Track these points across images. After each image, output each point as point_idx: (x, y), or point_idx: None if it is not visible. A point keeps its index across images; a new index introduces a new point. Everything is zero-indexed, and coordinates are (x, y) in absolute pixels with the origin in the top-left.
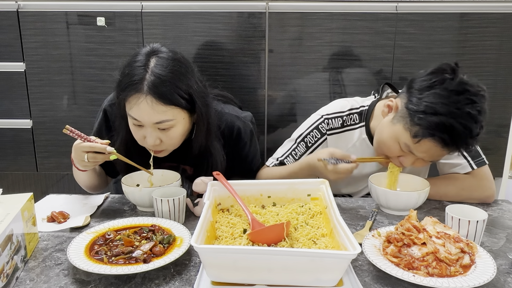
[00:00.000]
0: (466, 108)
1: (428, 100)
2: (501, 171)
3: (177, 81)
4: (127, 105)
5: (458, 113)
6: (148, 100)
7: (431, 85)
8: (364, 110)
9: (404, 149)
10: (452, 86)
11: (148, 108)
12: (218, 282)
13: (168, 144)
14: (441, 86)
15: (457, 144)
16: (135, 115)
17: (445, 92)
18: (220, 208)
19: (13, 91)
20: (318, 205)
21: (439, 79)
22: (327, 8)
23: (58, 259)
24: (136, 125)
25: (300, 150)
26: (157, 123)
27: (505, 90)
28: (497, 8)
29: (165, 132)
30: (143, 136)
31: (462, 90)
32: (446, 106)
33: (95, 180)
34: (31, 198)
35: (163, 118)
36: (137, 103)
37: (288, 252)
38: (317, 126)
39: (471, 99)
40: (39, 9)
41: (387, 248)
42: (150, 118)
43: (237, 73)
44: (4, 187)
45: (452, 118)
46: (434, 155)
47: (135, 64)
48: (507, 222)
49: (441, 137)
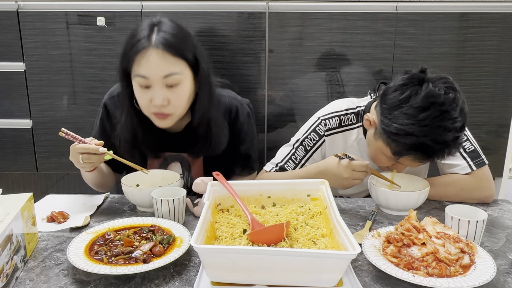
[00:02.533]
0: (435, 122)
1: (397, 121)
2: (501, 171)
3: (184, 36)
4: (134, 66)
5: (428, 131)
6: (158, 52)
7: (398, 104)
8: (360, 111)
9: (392, 161)
10: (417, 102)
11: (157, 60)
12: (218, 282)
13: (175, 106)
14: (407, 105)
15: (434, 156)
16: (143, 71)
17: (412, 111)
18: (220, 208)
19: (13, 91)
20: (318, 205)
21: (405, 96)
22: (327, 8)
23: (58, 259)
24: (143, 87)
25: (299, 154)
26: (166, 76)
27: (505, 90)
28: (497, 8)
29: (172, 90)
30: (149, 99)
31: (428, 104)
32: (414, 126)
33: (102, 179)
34: (31, 198)
35: (171, 70)
36: (145, 57)
37: (288, 253)
38: (314, 128)
39: (439, 111)
40: (39, 9)
41: (387, 249)
42: (159, 71)
43: (237, 73)
44: (4, 187)
45: (424, 137)
46: (419, 165)
47: (139, 32)
48: (507, 222)
49: (416, 154)
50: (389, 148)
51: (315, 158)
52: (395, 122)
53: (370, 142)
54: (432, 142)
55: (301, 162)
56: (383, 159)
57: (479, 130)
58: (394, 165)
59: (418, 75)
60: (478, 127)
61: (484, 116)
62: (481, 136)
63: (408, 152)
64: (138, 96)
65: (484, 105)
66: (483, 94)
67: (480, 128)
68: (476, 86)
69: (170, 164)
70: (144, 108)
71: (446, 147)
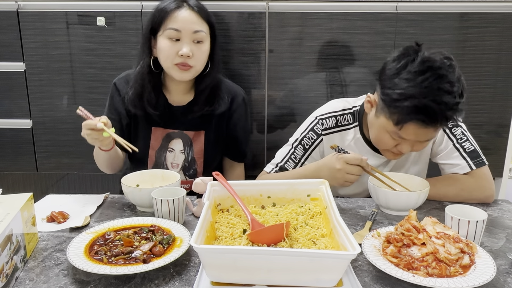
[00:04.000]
0: (434, 84)
1: (398, 87)
2: (501, 171)
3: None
4: (168, 21)
5: (427, 92)
6: (191, 11)
7: (397, 72)
8: (356, 110)
9: (395, 137)
10: (414, 67)
11: (191, 17)
12: (218, 283)
13: (197, 59)
14: (405, 71)
15: (437, 120)
16: (177, 25)
17: (410, 75)
18: (220, 208)
19: (13, 91)
20: (317, 205)
21: (402, 64)
22: (327, 8)
23: (57, 259)
24: (173, 40)
25: (298, 153)
26: (195, 32)
27: (505, 90)
28: (497, 8)
29: (197, 45)
30: (177, 50)
31: (426, 68)
32: (414, 88)
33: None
34: (30, 198)
35: (200, 27)
36: (180, 13)
37: (287, 253)
38: (312, 127)
39: (437, 74)
40: (39, 9)
41: (386, 249)
42: (191, 26)
43: (237, 73)
44: (4, 187)
45: (424, 98)
46: (424, 135)
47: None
48: (507, 222)
49: (419, 118)
50: (391, 120)
51: (314, 157)
52: (395, 88)
53: (372, 124)
54: (433, 102)
55: (301, 161)
56: (386, 138)
57: (479, 130)
58: (398, 145)
59: (414, 47)
60: (478, 127)
61: (484, 116)
62: (481, 136)
63: (411, 117)
64: (165, 48)
65: (484, 105)
66: (483, 94)
67: (480, 128)
68: (476, 86)
69: (173, 140)
70: (168, 59)
71: (448, 109)
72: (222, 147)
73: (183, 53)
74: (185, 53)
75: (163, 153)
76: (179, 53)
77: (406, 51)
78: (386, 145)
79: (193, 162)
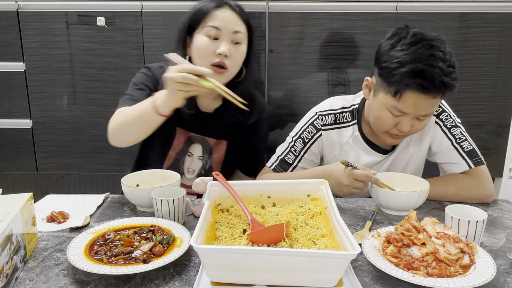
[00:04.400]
0: (427, 51)
1: (394, 58)
2: (501, 171)
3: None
4: (208, 18)
5: (422, 57)
6: (232, 11)
7: (391, 46)
8: (355, 108)
9: (395, 113)
10: (408, 39)
11: (231, 17)
12: (218, 283)
13: (234, 61)
14: (399, 43)
15: (434, 85)
16: (218, 23)
17: (405, 46)
18: (220, 208)
19: (13, 91)
20: (317, 205)
21: (396, 39)
22: (327, 8)
23: (57, 259)
24: (211, 38)
25: (298, 146)
26: (235, 32)
27: (505, 90)
28: (497, 8)
29: (235, 46)
30: (214, 49)
31: (418, 39)
32: (409, 55)
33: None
34: (30, 198)
35: (240, 28)
36: (221, 12)
37: (287, 253)
38: (312, 122)
39: (429, 44)
40: (39, 9)
41: (386, 249)
42: (231, 25)
43: None
44: (4, 187)
45: (419, 63)
46: (423, 107)
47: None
48: (507, 222)
49: (417, 83)
50: (390, 93)
51: (312, 150)
52: (391, 60)
53: (371, 106)
54: (428, 66)
55: (300, 154)
56: (385, 115)
57: (479, 130)
58: (398, 124)
59: (403, 27)
60: (478, 127)
61: (484, 116)
62: (481, 136)
63: (408, 83)
64: (202, 46)
65: (484, 105)
66: (483, 94)
67: (480, 128)
68: (476, 86)
69: (193, 145)
70: (204, 57)
71: (443, 75)
72: (240, 160)
73: (221, 51)
74: (223, 51)
75: (182, 156)
76: (216, 52)
77: (398, 31)
78: (386, 125)
79: (210, 171)
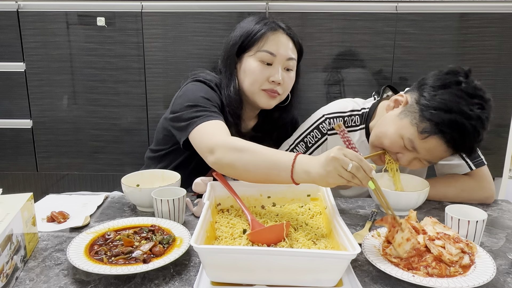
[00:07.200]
0: (477, 111)
1: (442, 97)
2: (501, 171)
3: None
4: (263, 43)
5: (470, 115)
6: (287, 37)
7: (446, 84)
8: (365, 113)
9: (407, 145)
10: (467, 88)
11: (287, 43)
12: (218, 282)
13: (285, 88)
14: (456, 87)
15: (464, 145)
16: (273, 48)
17: (460, 93)
18: (220, 208)
19: (13, 91)
20: (317, 205)
21: (455, 80)
22: (327, 8)
23: (57, 259)
24: (264, 63)
25: (299, 150)
26: (288, 59)
27: (505, 90)
28: (497, 8)
29: (287, 73)
30: (268, 76)
31: (476, 94)
32: (460, 106)
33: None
34: (31, 198)
35: (293, 55)
36: (276, 37)
37: (287, 253)
38: (318, 125)
39: (482, 105)
40: (39, 9)
41: (386, 248)
42: (286, 52)
43: None
44: (4, 187)
45: (465, 119)
46: (435, 155)
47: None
48: (506, 222)
49: (451, 134)
50: (416, 127)
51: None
52: (440, 97)
53: (389, 122)
54: (471, 126)
55: None
56: (398, 143)
57: None
58: (399, 154)
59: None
60: None
61: None
62: None
63: (443, 129)
64: (254, 71)
65: None
66: None
67: None
68: None
69: None
70: (256, 83)
71: (477, 140)
72: None
73: (275, 79)
74: (278, 80)
75: None
76: (270, 79)
77: (457, 71)
78: (390, 148)
79: None
